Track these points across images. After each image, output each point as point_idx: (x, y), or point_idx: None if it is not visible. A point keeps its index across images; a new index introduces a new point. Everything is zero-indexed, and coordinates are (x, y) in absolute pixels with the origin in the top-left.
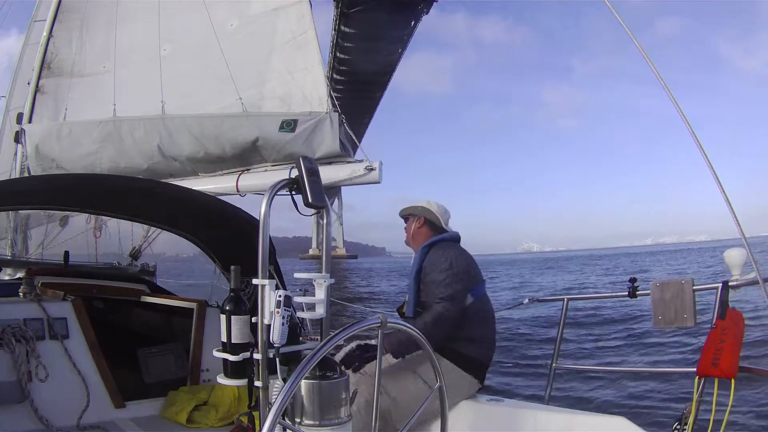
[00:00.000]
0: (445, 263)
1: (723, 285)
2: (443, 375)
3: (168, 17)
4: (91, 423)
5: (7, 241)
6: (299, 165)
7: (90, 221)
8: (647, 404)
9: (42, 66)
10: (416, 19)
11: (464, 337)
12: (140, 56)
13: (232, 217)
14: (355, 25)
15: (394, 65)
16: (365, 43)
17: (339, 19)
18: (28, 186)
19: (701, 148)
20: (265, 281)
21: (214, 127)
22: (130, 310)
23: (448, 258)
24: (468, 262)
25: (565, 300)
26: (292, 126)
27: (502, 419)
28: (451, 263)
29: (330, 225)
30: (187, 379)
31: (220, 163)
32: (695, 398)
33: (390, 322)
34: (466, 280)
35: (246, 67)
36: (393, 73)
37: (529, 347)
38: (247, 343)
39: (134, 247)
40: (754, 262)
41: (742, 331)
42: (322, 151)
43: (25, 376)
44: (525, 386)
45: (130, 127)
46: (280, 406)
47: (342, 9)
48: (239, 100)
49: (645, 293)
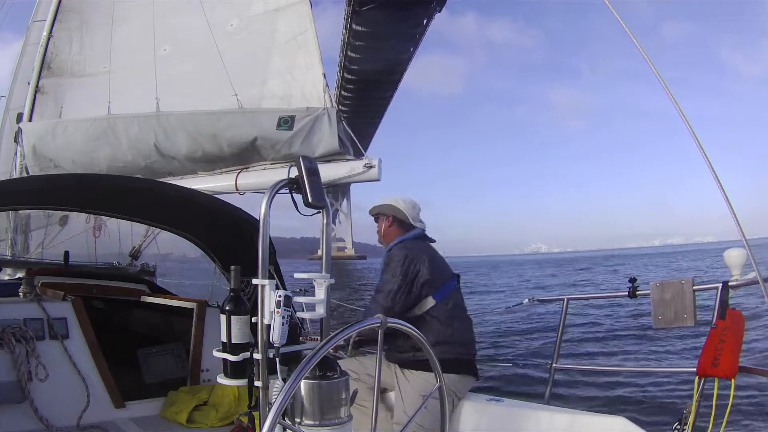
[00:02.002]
0: (396, 268)
1: (723, 285)
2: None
3: (168, 17)
4: (91, 423)
5: (7, 241)
6: (299, 165)
7: (90, 221)
8: (647, 404)
9: (42, 66)
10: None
11: (441, 341)
12: (140, 56)
13: (232, 217)
14: (366, 23)
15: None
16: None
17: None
18: (28, 186)
19: (701, 148)
20: (265, 281)
21: (211, 126)
22: (130, 310)
23: (400, 259)
24: (425, 264)
25: (565, 300)
26: (289, 123)
27: (502, 419)
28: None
29: (330, 225)
30: (187, 379)
31: (218, 162)
32: (695, 398)
33: (390, 323)
34: (412, 282)
35: (246, 67)
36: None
37: (529, 347)
38: (247, 343)
39: (134, 247)
40: (754, 262)
41: (742, 331)
42: (321, 149)
43: (25, 376)
44: (525, 386)
45: (124, 125)
46: (280, 406)
47: (354, 7)
48: (239, 101)
49: (645, 293)
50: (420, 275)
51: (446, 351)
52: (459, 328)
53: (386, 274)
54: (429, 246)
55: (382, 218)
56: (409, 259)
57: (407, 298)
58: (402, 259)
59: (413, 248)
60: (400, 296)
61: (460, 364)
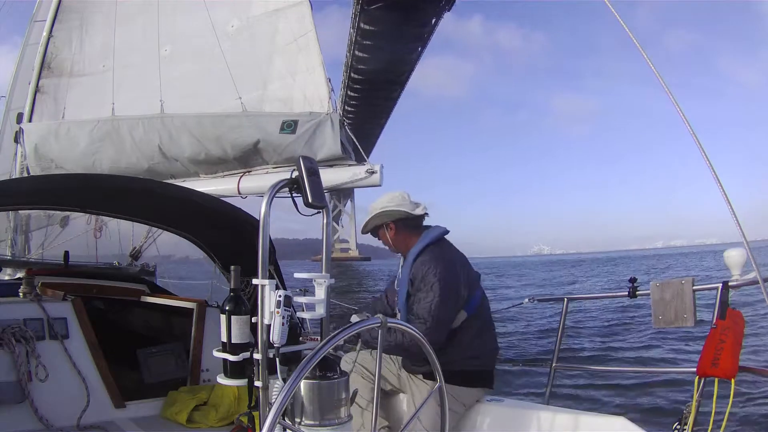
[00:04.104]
0: (433, 279)
1: (723, 285)
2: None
3: (168, 18)
4: (91, 423)
5: (7, 241)
6: (299, 165)
7: (90, 221)
8: (647, 404)
9: (42, 66)
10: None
11: (468, 356)
12: (141, 57)
13: (233, 217)
14: (374, 21)
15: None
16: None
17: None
18: (29, 186)
19: (702, 149)
20: (265, 281)
21: (215, 128)
22: (130, 310)
23: (437, 274)
24: (459, 270)
25: (565, 300)
26: (292, 127)
27: (502, 419)
28: (440, 280)
29: (330, 225)
30: (187, 379)
31: (221, 165)
32: (695, 398)
33: (390, 323)
34: (455, 299)
35: (247, 69)
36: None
37: (529, 347)
38: (247, 343)
39: (134, 247)
40: (754, 262)
41: (742, 331)
42: (323, 154)
43: (25, 376)
44: (525, 386)
45: (129, 127)
46: (280, 406)
47: (362, 5)
48: (240, 103)
49: (645, 293)
50: (460, 293)
51: (477, 364)
52: (486, 340)
53: (422, 293)
54: (453, 248)
55: (383, 229)
56: (448, 276)
57: (450, 321)
58: (438, 277)
59: (446, 259)
60: (445, 320)
61: (482, 375)
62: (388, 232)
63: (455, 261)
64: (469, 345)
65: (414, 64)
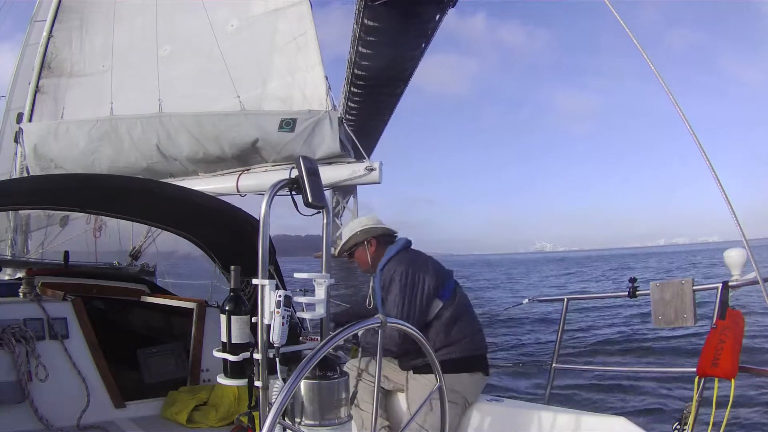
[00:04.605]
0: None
1: (723, 285)
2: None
3: (168, 18)
4: (91, 423)
5: (7, 241)
6: (299, 165)
7: (90, 221)
8: (647, 404)
9: (42, 66)
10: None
11: (451, 342)
12: (140, 57)
13: (232, 217)
14: (378, 18)
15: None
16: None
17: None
18: (29, 186)
19: (701, 148)
20: (265, 281)
21: (213, 127)
22: (130, 310)
23: (401, 272)
24: (422, 265)
25: (565, 300)
26: (291, 125)
27: (502, 419)
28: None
29: (330, 225)
30: (187, 379)
31: (220, 164)
32: (695, 398)
33: (390, 323)
34: (422, 291)
35: (246, 69)
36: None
37: (529, 347)
38: (247, 343)
39: (134, 247)
40: (754, 262)
41: (742, 331)
42: (322, 152)
43: (25, 376)
44: (525, 386)
45: (127, 126)
46: (280, 406)
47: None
48: (240, 102)
49: (645, 293)
50: (426, 284)
51: (455, 350)
52: (467, 323)
53: (390, 295)
54: (419, 252)
55: (363, 247)
56: (411, 271)
57: (421, 314)
58: (402, 275)
59: (409, 260)
60: (414, 313)
61: (470, 361)
62: (368, 248)
63: (419, 261)
64: (446, 331)
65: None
